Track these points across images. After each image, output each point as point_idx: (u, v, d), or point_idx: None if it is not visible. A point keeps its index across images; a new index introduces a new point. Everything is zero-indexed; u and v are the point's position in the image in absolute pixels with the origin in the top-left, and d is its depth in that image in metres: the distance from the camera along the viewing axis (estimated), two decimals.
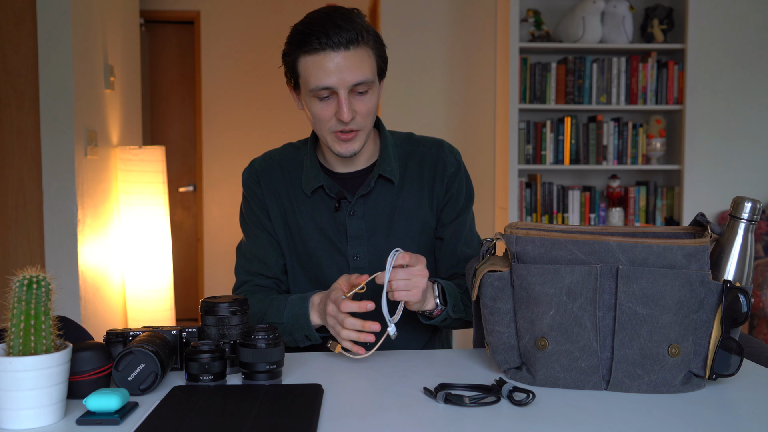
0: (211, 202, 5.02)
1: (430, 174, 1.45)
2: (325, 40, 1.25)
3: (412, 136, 1.50)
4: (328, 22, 1.26)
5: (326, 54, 1.25)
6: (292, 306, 1.33)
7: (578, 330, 1.04)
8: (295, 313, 1.32)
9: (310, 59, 1.27)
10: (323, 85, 1.27)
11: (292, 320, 1.32)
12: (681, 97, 3.69)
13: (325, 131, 1.33)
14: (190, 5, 4.93)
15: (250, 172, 1.49)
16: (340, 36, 1.25)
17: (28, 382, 0.88)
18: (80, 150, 2.83)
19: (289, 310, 1.33)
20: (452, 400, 0.97)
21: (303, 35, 1.27)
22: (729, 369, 1.04)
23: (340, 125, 1.31)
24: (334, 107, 1.30)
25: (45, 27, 2.70)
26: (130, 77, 3.80)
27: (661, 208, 3.81)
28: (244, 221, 1.52)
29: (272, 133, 4.91)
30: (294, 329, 1.32)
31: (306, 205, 1.43)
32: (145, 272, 3.41)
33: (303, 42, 1.27)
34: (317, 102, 1.30)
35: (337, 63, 1.26)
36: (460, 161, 1.49)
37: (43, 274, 0.92)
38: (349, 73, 1.27)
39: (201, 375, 1.04)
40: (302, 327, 1.31)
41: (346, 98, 1.28)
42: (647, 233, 1.09)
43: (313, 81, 1.27)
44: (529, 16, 3.69)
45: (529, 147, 3.72)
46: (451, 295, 1.32)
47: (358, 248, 1.41)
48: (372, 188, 1.41)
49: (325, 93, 1.28)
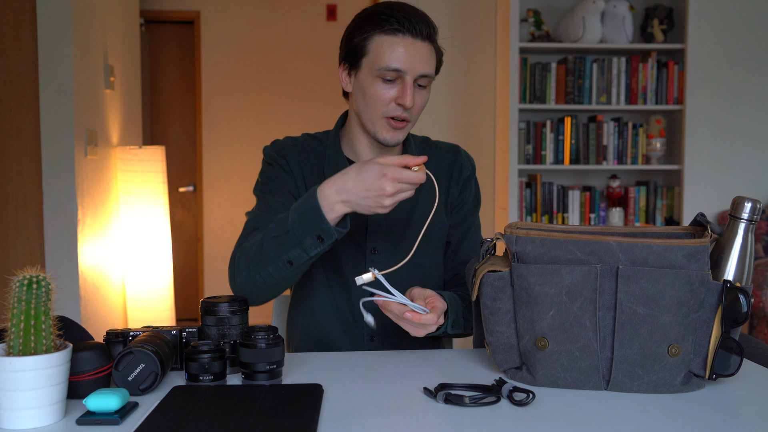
0: (211, 202, 5.02)
1: (447, 175, 1.48)
2: (407, 24, 1.29)
3: (429, 140, 1.55)
4: (411, 10, 1.31)
5: (405, 38, 1.29)
6: (296, 209, 1.20)
7: (578, 330, 1.04)
8: (302, 211, 1.18)
9: (387, 39, 1.30)
10: (395, 66, 1.29)
11: (299, 221, 1.18)
12: (681, 97, 3.69)
13: (378, 115, 1.34)
14: (190, 5, 4.93)
15: (274, 147, 1.45)
16: (421, 26, 1.30)
17: (28, 382, 0.88)
18: (80, 150, 2.83)
19: (293, 215, 1.19)
20: (452, 400, 0.97)
21: (384, 15, 1.30)
22: (729, 369, 1.04)
23: (397, 110, 1.33)
24: (396, 91, 1.32)
25: (45, 27, 2.70)
26: (130, 77, 3.80)
27: (661, 208, 3.81)
28: (263, 184, 1.43)
29: (272, 133, 4.91)
30: (304, 231, 1.18)
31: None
32: (145, 272, 3.41)
33: (384, 21, 1.30)
34: (380, 83, 1.32)
35: (413, 50, 1.29)
36: (474, 167, 1.53)
37: (43, 274, 0.92)
38: (420, 63, 1.30)
39: (201, 375, 1.04)
40: (314, 224, 1.17)
41: (411, 85, 1.31)
42: (647, 233, 1.09)
43: (385, 60, 1.29)
44: (529, 16, 3.69)
45: (529, 147, 3.72)
46: (453, 311, 1.30)
47: (377, 241, 1.42)
48: None
49: (392, 75, 1.30)
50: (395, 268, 1.20)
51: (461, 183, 1.49)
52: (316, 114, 4.97)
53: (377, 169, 1.13)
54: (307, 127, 4.76)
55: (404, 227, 1.43)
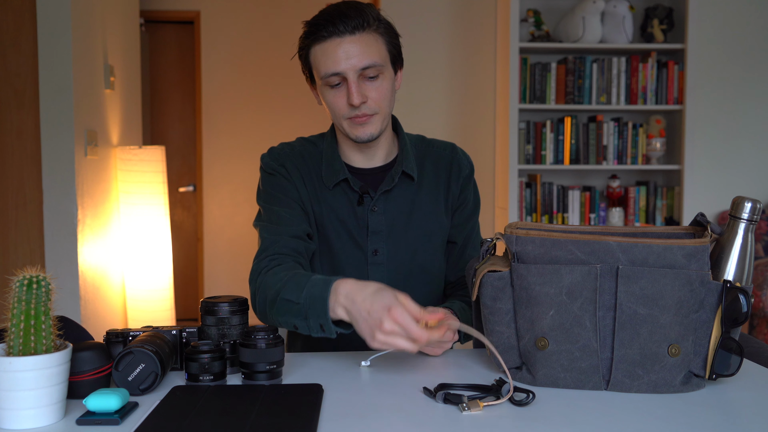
0: (211, 202, 5.02)
1: (445, 174, 1.48)
2: (331, 28, 1.29)
3: (425, 138, 1.53)
4: (336, 12, 1.30)
5: (332, 41, 1.29)
6: (313, 286, 1.16)
7: (578, 330, 1.04)
8: (314, 295, 1.14)
9: (319, 48, 1.31)
10: (332, 71, 1.30)
11: (309, 302, 1.15)
12: (681, 97, 3.69)
13: (341, 119, 1.35)
14: (190, 5, 4.93)
15: (271, 155, 1.45)
16: (346, 23, 1.29)
17: (28, 382, 0.88)
18: (80, 150, 2.83)
19: (308, 290, 1.16)
20: (452, 400, 0.97)
21: (313, 26, 1.31)
22: (729, 369, 1.04)
23: (352, 111, 1.32)
24: (345, 94, 1.32)
25: (45, 27, 2.70)
26: (130, 77, 3.80)
27: (661, 208, 3.81)
28: (266, 194, 1.43)
29: (272, 133, 4.91)
30: (310, 314, 1.15)
31: (326, 197, 1.42)
32: (145, 272, 3.41)
33: (312, 33, 1.31)
34: (330, 90, 1.33)
35: (345, 49, 1.29)
36: (473, 166, 1.52)
37: (43, 274, 0.92)
38: (356, 58, 1.29)
39: (201, 375, 1.04)
40: (318, 313, 1.14)
41: (355, 82, 1.30)
42: (647, 233, 1.09)
43: (323, 69, 1.31)
44: (529, 16, 3.69)
45: (529, 147, 3.72)
46: (466, 323, 1.32)
47: (378, 243, 1.41)
48: (395, 184, 1.42)
49: (335, 80, 1.31)
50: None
51: (461, 182, 1.48)
52: (315, 114, 4.97)
53: (387, 301, 1.04)
54: (306, 126, 4.75)
55: (405, 228, 1.43)
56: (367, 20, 1.31)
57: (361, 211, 1.41)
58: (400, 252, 1.42)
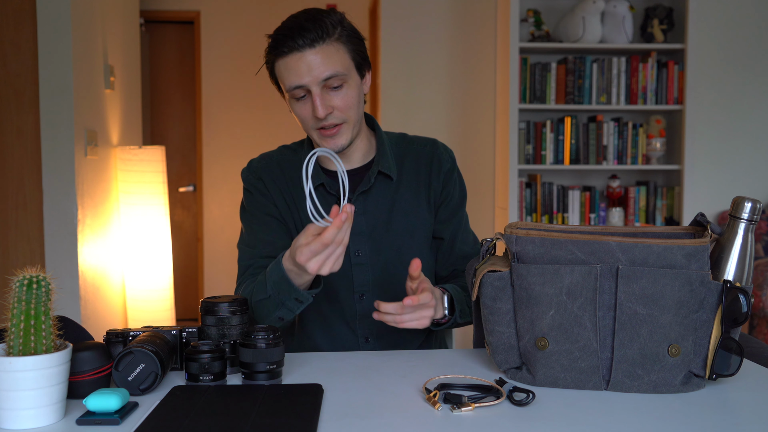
0: (211, 202, 5.02)
1: (426, 171, 1.47)
2: (291, 42, 1.29)
3: (406, 136, 1.53)
4: (295, 25, 1.30)
5: (293, 55, 1.30)
6: (271, 274, 1.26)
7: (578, 330, 1.04)
8: (275, 280, 1.24)
9: (282, 62, 1.32)
10: (295, 84, 1.30)
11: (276, 288, 1.25)
12: (681, 97, 3.69)
13: (310, 130, 1.36)
14: (190, 5, 4.93)
15: (249, 170, 1.50)
16: (305, 37, 1.29)
17: (28, 382, 0.88)
18: (80, 150, 2.83)
19: (270, 280, 1.26)
20: (452, 400, 0.97)
21: (275, 41, 1.32)
22: (729, 369, 1.04)
23: (319, 122, 1.33)
24: (311, 106, 1.32)
25: (45, 27, 2.70)
26: (130, 77, 3.80)
27: (661, 208, 3.81)
28: (246, 212, 1.50)
29: (272, 133, 4.91)
30: (283, 297, 1.25)
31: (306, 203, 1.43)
32: (145, 272, 3.41)
33: (274, 47, 1.32)
34: (296, 103, 1.34)
35: (306, 62, 1.29)
36: (454, 159, 1.52)
37: (43, 274, 0.92)
38: (317, 69, 1.29)
39: (201, 375, 1.04)
40: (287, 290, 1.24)
41: (319, 94, 1.30)
42: (647, 233, 1.09)
43: (287, 82, 1.32)
44: (529, 16, 3.69)
45: (529, 147, 3.72)
46: (459, 301, 1.34)
47: (360, 244, 1.42)
48: (372, 185, 1.43)
49: (300, 93, 1.32)
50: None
51: (442, 177, 1.48)
52: None
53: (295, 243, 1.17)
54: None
55: (386, 228, 1.43)
56: (327, 31, 1.30)
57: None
58: (383, 251, 1.42)
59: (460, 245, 1.50)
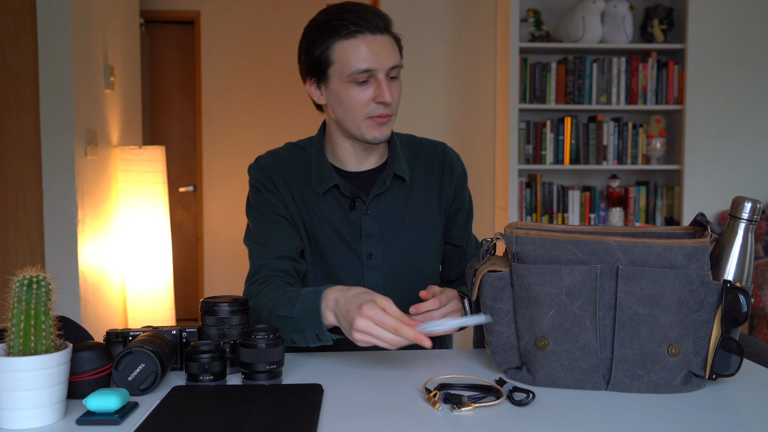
0: (211, 202, 5.02)
1: (438, 174, 1.46)
2: (363, 23, 1.27)
3: (415, 138, 1.52)
4: (361, 8, 1.29)
5: (365, 37, 1.27)
6: (304, 300, 1.20)
7: (578, 330, 1.04)
8: (307, 307, 1.19)
9: (348, 43, 1.28)
10: (364, 67, 1.27)
11: (303, 315, 1.19)
12: (681, 97, 3.69)
13: (360, 118, 1.32)
14: (190, 5, 4.93)
15: (258, 167, 1.44)
16: (377, 19, 1.28)
17: (28, 382, 0.88)
18: (80, 150, 2.83)
19: (300, 304, 1.20)
20: (452, 400, 0.97)
21: (337, 21, 1.28)
22: (729, 369, 1.04)
23: (379, 109, 1.30)
24: (371, 91, 1.30)
25: (45, 27, 2.70)
26: (130, 77, 3.80)
27: (661, 208, 3.81)
28: (254, 209, 1.44)
29: (272, 133, 4.92)
30: (305, 326, 1.19)
31: (317, 204, 1.41)
32: (145, 272, 3.41)
33: (339, 27, 1.28)
34: (354, 87, 1.30)
35: (376, 45, 1.27)
36: (465, 169, 1.52)
37: (43, 274, 0.92)
38: (387, 57, 1.28)
39: (201, 375, 1.04)
40: (313, 324, 1.18)
41: (386, 80, 1.29)
42: (647, 233, 1.09)
43: (353, 64, 1.28)
44: (529, 16, 3.69)
45: (529, 147, 3.72)
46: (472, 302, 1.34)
47: (372, 247, 1.40)
48: (386, 187, 1.41)
49: (364, 77, 1.28)
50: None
51: (455, 182, 1.47)
52: (315, 114, 4.96)
53: (361, 300, 1.09)
54: (306, 126, 4.75)
55: (398, 230, 1.42)
56: (391, 21, 1.31)
57: (354, 215, 1.40)
58: (395, 254, 1.41)
59: (472, 250, 1.51)
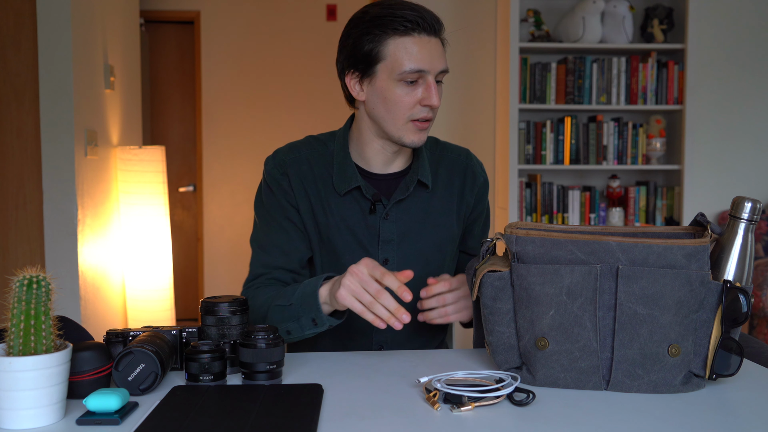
0: (211, 202, 5.02)
1: (460, 181, 1.43)
2: (421, 22, 1.23)
3: (438, 141, 1.48)
4: (418, 7, 1.25)
5: (421, 37, 1.24)
6: (305, 286, 1.22)
7: (578, 330, 1.04)
8: (306, 292, 1.20)
9: (403, 41, 1.24)
10: (417, 67, 1.24)
11: (300, 300, 1.21)
12: (681, 97, 3.69)
13: (403, 119, 1.28)
14: (190, 5, 4.93)
15: (275, 162, 1.39)
16: (433, 21, 1.25)
17: (28, 382, 0.88)
18: (80, 150, 2.83)
19: (301, 290, 1.22)
20: (452, 400, 0.97)
21: (394, 16, 1.23)
22: (729, 369, 1.04)
23: (423, 111, 1.27)
24: (418, 93, 1.26)
25: (45, 27, 2.70)
26: (130, 77, 3.80)
27: (661, 208, 3.81)
28: (263, 209, 1.40)
29: (272, 133, 4.92)
30: (301, 311, 1.20)
31: (336, 204, 1.36)
32: (145, 272, 3.41)
33: (395, 23, 1.23)
34: (403, 87, 1.26)
35: (430, 47, 1.25)
36: (487, 179, 1.49)
37: (43, 274, 0.92)
38: (438, 60, 1.26)
39: (201, 375, 1.04)
40: (310, 307, 1.19)
41: (434, 84, 1.26)
42: (647, 233, 1.09)
43: (407, 63, 1.24)
44: (529, 16, 3.69)
45: (529, 147, 3.72)
46: None
47: (389, 252, 1.37)
48: (409, 193, 1.37)
49: (413, 77, 1.25)
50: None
51: (476, 191, 1.45)
52: (315, 113, 4.97)
53: (356, 264, 1.14)
54: (306, 126, 4.76)
55: (417, 237, 1.38)
56: (443, 26, 1.28)
57: (373, 219, 1.36)
58: (411, 261, 1.37)
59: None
